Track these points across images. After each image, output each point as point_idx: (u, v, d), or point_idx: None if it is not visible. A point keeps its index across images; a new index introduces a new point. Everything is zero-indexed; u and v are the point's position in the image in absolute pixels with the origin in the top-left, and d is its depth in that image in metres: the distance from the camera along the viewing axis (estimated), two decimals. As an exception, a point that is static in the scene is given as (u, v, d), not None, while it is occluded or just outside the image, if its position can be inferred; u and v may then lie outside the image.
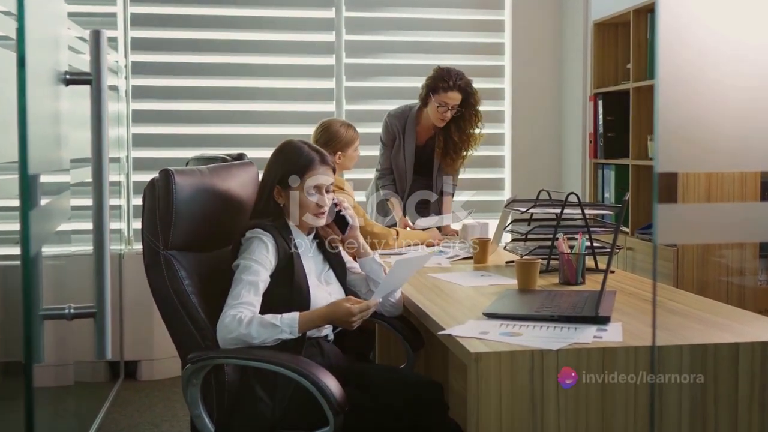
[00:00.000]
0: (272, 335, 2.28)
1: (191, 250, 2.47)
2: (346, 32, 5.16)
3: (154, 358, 4.67)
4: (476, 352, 1.90)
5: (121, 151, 4.82)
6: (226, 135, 5.08)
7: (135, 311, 4.54)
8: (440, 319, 2.26)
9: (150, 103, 5.02)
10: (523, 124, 5.34)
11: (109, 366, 4.63)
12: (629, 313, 2.31)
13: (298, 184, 2.51)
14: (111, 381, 4.60)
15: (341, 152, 3.64)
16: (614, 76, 4.68)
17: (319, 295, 2.47)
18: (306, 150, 2.56)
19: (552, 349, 1.91)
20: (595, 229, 3.10)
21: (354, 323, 2.35)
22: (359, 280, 2.70)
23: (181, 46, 5.05)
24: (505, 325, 2.15)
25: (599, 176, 4.71)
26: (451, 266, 3.23)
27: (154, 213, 2.41)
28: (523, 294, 2.60)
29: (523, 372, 1.90)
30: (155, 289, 2.41)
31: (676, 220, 1.21)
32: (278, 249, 2.42)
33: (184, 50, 5.05)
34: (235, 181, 2.67)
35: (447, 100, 4.01)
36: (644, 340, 2.00)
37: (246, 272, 2.34)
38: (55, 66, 1.40)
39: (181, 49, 5.05)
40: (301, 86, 5.15)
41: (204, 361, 2.29)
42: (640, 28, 4.24)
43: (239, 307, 2.29)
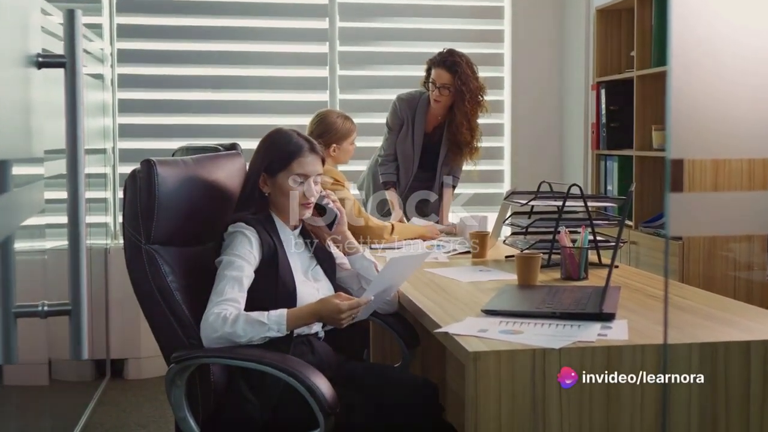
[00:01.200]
0: (259, 333, 2.23)
1: (175, 244, 2.42)
2: (340, 19, 5.11)
3: (142, 357, 4.64)
4: (475, 351, 1.86)
5: (107, 143, 4.78)
6: (216, 126, 5.04)
7: (122, 308, 4.51)
8: (437, 316, 2.22)
9: (137, 92, 4.97)
10: (523, 114, 5.30)
11: (95, 364, 4.58)
12: (635, 309, 2.27)
13: (284, 171, 2.47)
14: (97, 380, 4.56)
15: (336, 145, 3.61)
16: (618, 65, 4.65)
17: (306, 292, 2.42)
18: (295, 137, 2.53)
19: (554, 348, 1.87)
20: (599, 222, 3.06)
21: (343, 321, 2.30)
22: (350, 277, 2.66)
23: (169, 33, 5.00)
24: (505, 322, 2.11)
25: (602, 168, 4.68)
26: (448, 261, 3.21)
27: (135, 206, 2.36)
28: (524, 290, 2.56)
29: (524, 372, 1.85)
30: (137, 285, 2.37)
31: (690, 210, 1.15)
32: (262, 243, 2.38)
33: (173, 37, 5.00)
34: (222, 172, 2.62)
35: (435, 77, 3.99)
36: (651, 338, 1.96)
37: (229, 268, 2.30)
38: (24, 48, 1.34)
39: (169, 36, 5.00)
40: (293, 75, 5.10)
41: (188, 360, 2.24)
42: (644, 15, 4.21)
43: (223, 304, 2.24)
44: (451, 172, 4.22)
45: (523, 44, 5.27)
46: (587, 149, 4.97)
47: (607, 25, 4.66)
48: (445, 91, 3.98)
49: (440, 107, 4.04)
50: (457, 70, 3.96)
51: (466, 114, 4.01)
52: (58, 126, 1.47)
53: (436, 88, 3.98)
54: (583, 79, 5.05)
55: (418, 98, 4.13)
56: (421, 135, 4.14)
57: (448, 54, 4.01)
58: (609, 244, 3.05)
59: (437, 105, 4.03)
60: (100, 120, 4.64)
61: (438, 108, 4.04)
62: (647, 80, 4.23)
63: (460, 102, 4.00)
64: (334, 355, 2.53)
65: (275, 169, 2.47)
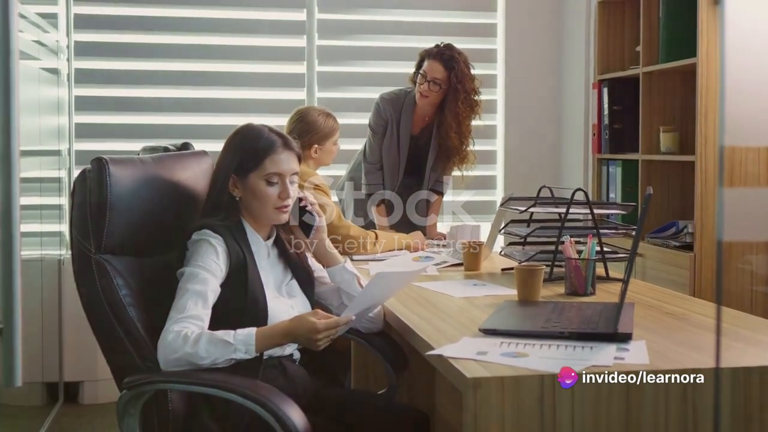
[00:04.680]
0: (224, 355, 2.13)
1: (130, 254, 2.34)
2: (318, 10, 5.03)
3: (99, 379, 4.54)
4: (474, 377, 1.74)
5: (61, 144, 4.69)
6: (184, 126, 4.94)
7: (77, 325, 4.37)
8: (428, 336, 2.11)
9: (96, 88, 4.87)
10: (517, 115, 5.23)
11: (47, 388, 4.51)
12: (652, 329, 2.16)
13: (256, 171, 2.37)
14: (48, 405, 4.49)
15: (318, 145, 3.56)
16: (621, 61, 4.58)
17: (278, 309, 2.33)
18: (266, 132, 2.43)
19: None
20: (606, 231, 2.98)
21: (320, 342, 2.19)
22: (330, 292, 2.58)
23: (132, 24, 4.89)
24: (507, 343, 2.00)
25: (604, 174, 4.60)
26: (438, 274, 3.13)
27: (84, 209, 2.28)
28: (525, 306, 2.45)
29: (530, 401, 1.74)
30: (86, 300, 2.29)
31: (745, 208, 1.01)
32: (229, 254, 2.30)
33: (135, 29, 4.90)
34: (186, 173, 2.53)
35: (427, 70, 3.89)
36: (675, 361, 1.85)
37: (192, 281, 2.21)
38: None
39: (131, 27, 4.89)
40: (267, 70, 5.02)
41: (143, 386, 2.16)
42: (651, 6, 4.14)
43: (184, 321, 2.14)
44: (439, 179, 4.14)
45: (518, 39, 5.20)
46: (587, 153, 4.92)
47: (610, 18, 4.59)
48: (435, 87, 3.88)
49: (427, 104, 3.94)
50: (454, 66, 3.88)
51: (457, 116, 3.92)
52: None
53: (426, 81, 3.88)
54: (583, 76, 5.00)
55: (404, 97, 4.05)
56: (407, 137, 4.04)
57: (446, 48, 3.93)
58: (618, 256, 2.96)
59: (424, 101, 3.93)
60: (54, 119, 4.55)
61: (425, 105, 3.94)
62: (654, 77, 4.16)
63: (453, 103, 3.91)
64: (310, 381, 2.43)
65: (246, 169, 2.39)
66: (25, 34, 3.99)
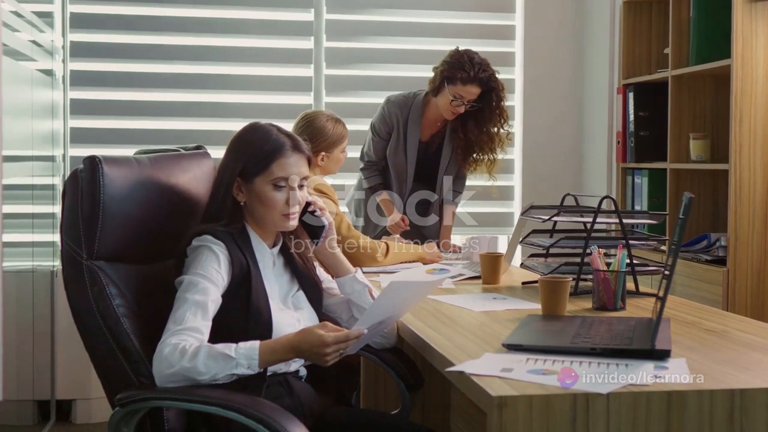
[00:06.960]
0: (225, 370, 2.07)
1: (124, 261, 2.30)
2: (327, 10, 5.01)
3: (92, 397, 4.53)
4: (500, 395, 1.67)
5: (56, 149, 4.67)
6: (184, 130, 4.92)
7: (70, 340, 4.35)
8: (447, 352, 2.05)
9: (93, 91, 4.84)
10: (537, 121, 5.20)
11: (38, 405, 4.52)
12: (691, 346, 2.09)
13: (262, 175, 2.33)
14: (39, 424, 4.50)
15: (325, 153, 3.55)
16: (648, 64, 4.56)
17: (284, 322, 2.28)
18: (275, 133, 2.39)
19: (601, 393, 1.69)
20: (635, 242, 2.93)
21: (328, 357, 2.12)
22: (339, 305, 2.53)
23: (131, 24, 4.87)
24: (533, 360, 1.93)
25: (629, 184, 4.58)
26: (454, 287, 3.09)
27: (75, 213, 2.24)
28: (551, 321, 2.39)
29: (562, 422, 1.67)
30: (76, 310, 2.25)
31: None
32: (232, 262, 2.25)
33: (135, 29, 4.88)
34: (186, 175, 2.50)
35: (463, 93, 3.91)
36: (719, 381, 1.78)
37: (191, 290, 2.16)
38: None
39: (130, 28, 4.87)
40: (273, 74, 5.00)
41: (137, 403, 2.11)
42: (681, 5, 4.11)
43: (182, 333, 2.08)
44: (453, 187, 4.13)
45: (537, 41, 5.17)
46: (611, 162, 4.90)
47: (636, 19, 4.57)
48: (469, 106, 3.94)
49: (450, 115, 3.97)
50: (492, 85, 3.96)
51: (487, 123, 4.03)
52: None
53: (463, 104, 3.91)
54: (607, 81, 4.98)
55: (412, 100, 4.07)
56: (414, 144, 4.06)
57: (478, 67, 3.93)
58: (650, 269, 2.93)
59: (452, 116, 3.98)
60: (48, 123, 4.53)
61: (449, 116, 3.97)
62: (684, 81, 4.12)
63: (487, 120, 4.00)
64: (317, 399, 2.38)
65: (252, 172, 2.34)
66: (21, 33, 3.97)
